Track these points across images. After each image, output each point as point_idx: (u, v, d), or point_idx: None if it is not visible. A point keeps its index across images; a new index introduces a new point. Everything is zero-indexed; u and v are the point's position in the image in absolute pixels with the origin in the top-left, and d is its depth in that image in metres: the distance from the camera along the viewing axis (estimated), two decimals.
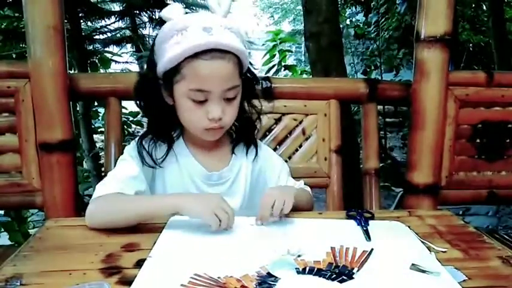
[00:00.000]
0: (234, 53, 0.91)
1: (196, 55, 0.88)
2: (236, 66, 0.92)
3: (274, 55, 4.30)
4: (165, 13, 0.94)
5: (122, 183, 0.93)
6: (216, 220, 0.83)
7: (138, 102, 1.03)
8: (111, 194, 0.91)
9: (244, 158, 1.07)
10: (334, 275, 0.74)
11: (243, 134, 1.08)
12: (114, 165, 1.30)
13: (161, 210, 0.89)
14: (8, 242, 1.98)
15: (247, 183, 1.06)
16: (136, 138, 1.03)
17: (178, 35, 0.89)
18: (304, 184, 1.16)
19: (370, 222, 0.98)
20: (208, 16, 0.93)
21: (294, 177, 1.16)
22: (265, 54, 4.36)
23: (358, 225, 0.97)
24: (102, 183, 0.94)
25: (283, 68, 4.28)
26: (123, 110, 1.55)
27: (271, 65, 4.32)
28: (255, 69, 1.05)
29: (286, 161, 1.25)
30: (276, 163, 1.13)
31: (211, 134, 0.97)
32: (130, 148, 1.02)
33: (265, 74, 3.92)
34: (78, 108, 2.73)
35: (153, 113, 1.02)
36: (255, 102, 1.07)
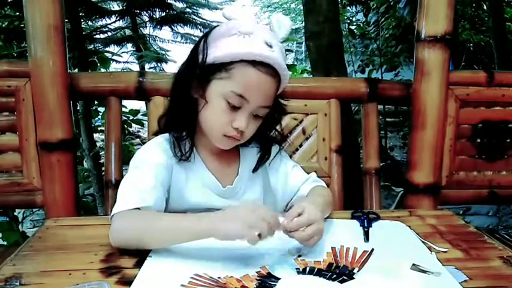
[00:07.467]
0: (281, 76, 0.91)
1: (254, 63, 0.86)
2: (276, 89, 0.93)
3: None
4: (227, 12, 0.90)
5: (142, 193, 0.87)
6: (253, 235, 0.72)
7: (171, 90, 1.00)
8: (136, 212, 0.84)
9: (253, 162, 1.04)
10: (334, 275, 0.74)
11: (260, 144, 1.05)
12: (114, 165, 1.31)
13: (195, 238, 0.80)
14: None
15: (260, 189, 1.05)
16: (155, 139, 0.99)
17: (240, 36, 0.87)
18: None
19: (374, 223, 0.98)
20: (270, 32, 0.91)
21: None
22: None
23: (360, 225, 0.97)
24: (121, 196, 0.87)
25: None
26: (123, 109, 1.55)
27: None
28: (284, 99, 1.02)
29: None
30: (281, 165, 1.09)
31: (227, 142, 0.94)
32: (147, 150, 0.97)
33: None
34: (78, 108, 2.73)
35: (178, 104, 0.97)
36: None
